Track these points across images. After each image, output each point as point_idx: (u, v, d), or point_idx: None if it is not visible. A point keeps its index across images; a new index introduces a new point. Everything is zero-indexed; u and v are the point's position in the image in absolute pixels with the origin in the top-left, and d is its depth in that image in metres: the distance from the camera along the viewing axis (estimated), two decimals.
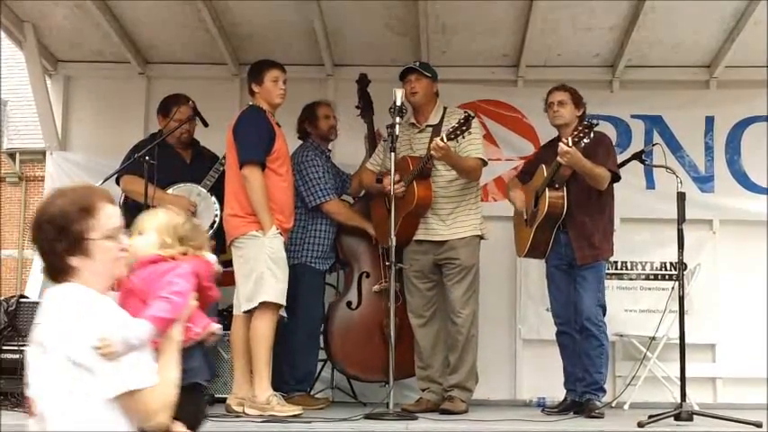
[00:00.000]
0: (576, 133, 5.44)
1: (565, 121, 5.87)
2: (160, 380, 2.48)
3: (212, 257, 3.44)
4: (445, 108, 6.11)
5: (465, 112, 5.88)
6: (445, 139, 5.55)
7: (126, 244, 2.59)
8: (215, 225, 6.00)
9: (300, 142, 6.49)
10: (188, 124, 6.19)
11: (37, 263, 7.43)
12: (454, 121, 5.82)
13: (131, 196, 6.07)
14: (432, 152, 5.62)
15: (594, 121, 5.45)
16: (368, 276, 6.40)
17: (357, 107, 6.74)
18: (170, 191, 5.96)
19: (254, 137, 5.64)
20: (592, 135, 5.39)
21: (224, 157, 6.01)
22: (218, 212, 6.02)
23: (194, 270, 3.11)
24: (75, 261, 2.46)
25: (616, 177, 5.81)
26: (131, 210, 6.04)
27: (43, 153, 7.91)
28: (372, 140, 6.56)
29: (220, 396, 6.08)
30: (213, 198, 6.05)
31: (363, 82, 6.78)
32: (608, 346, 5.88)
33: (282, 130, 5.84)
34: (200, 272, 3.20)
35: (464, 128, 5.59)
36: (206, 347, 3.35)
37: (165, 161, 5.67)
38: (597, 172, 5.63)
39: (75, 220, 2.44)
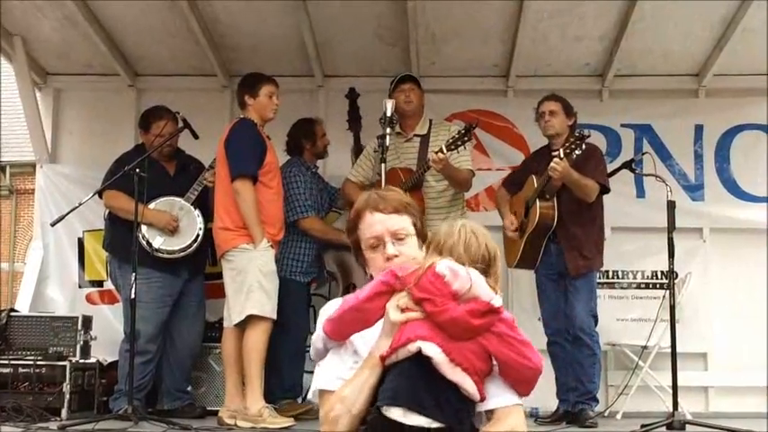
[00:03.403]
0: (567, 144, 5.45)
1: (556, 131, 5.88)
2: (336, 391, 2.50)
3: None
4: (430, 120, 6.13)
5: (465, 123, 5.85)
6: (445, 151, 5.55)
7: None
8: (198, 239, 5.98)
9: (287, 158, 6.48)
10: (167, 137, 6.08)
11: (28, 275, 7.41)
12: (443, 132, 5.85)
13: (114, 212, 6.06)
14: (431, 164, 5.62)
15: (586, 133, 5.45)
16: (354, 288, 6.39)
17: (347, 121, 6.76)
18: (152, 205, 5.90)
19: (246, 150, 5.63)
20: (584, 146, 5.40)
21: (208, 169, 6.00)
22: (202, 226, 6.00)
23: None
24: None
25: (605, 190, 5.81)
26: (116, 224, 6.05)
27: (33, 166, 7.89)
28: (358, 153, 6.56)
29: (212, 409, 6.07)
30: (197, 212, 6.02)
31: (352, 96, 6.82)
32: (600, 355, 5.87)
33: (272, 143, 5.84)
34: None
35: (465, 138, 5.60)
36: None
37: (148, 174, 5.64)
38: (586, 184, 5.64)
39: None
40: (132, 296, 5.40)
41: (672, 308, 5.27)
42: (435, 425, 2.35)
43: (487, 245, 2.61)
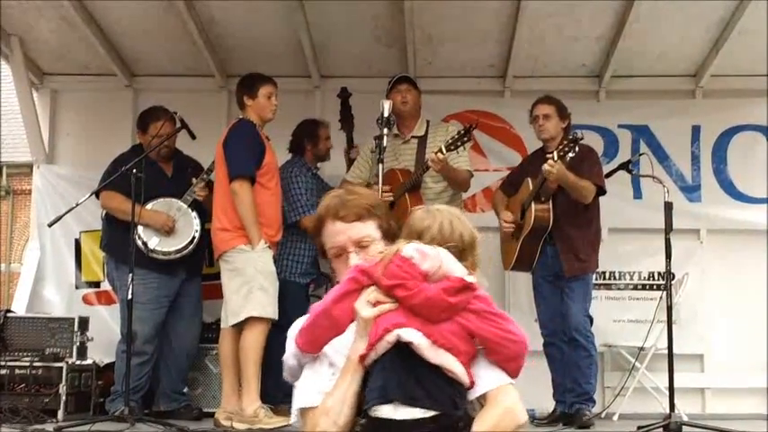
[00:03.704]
0: (561, 147, 5.45)
1: (550, 134, 5.88)
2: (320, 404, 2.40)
3: None
4: (428, 121, 6.13)
5: (464, 124, 5.85)
6: (444, 151, 5.55)
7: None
8: (195, 240, 5.97)
9: (288, 156, 6.47)
10: (165, 137, 6.06)
11: (25, 276, 7.40)
12: (441, 133, 5.85)
13: (111, 213, 6.05)
14: (430, 164, 5.62)
15: (579, 135, 5.45)
16: None
17: (339, 120, 6.75)
18: (149, 206, 5.88)
19: (245, 151, 5.62)
20: (577, 149, 5.40)
21: (206, 173, 5.99)
22: (199, 228, 5.99)
23: None
24: None
25: (601, 191, 5.81)
26: (113, 225, 6.04)
27: (30, 166, 7.88)
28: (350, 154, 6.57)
29: (209, 410, 6.06)
30: (194, 213, 6.01)
31: (344, 95, 6.79)
32: (596, 356, 5.88)
33: (271, 143, 5.83)
34: None
35: (465, 138, 5.60)
36: None
37: (145, 175, 5.62)
38: (582, 186, 5.64)
39: None
40: (129, 297, 5.39)
41: (669, 309, 5.27)
42: (430, 414, 2.27)
43: (463, 230, 2.53)
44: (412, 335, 2.32)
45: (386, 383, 2.30)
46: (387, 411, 2.28)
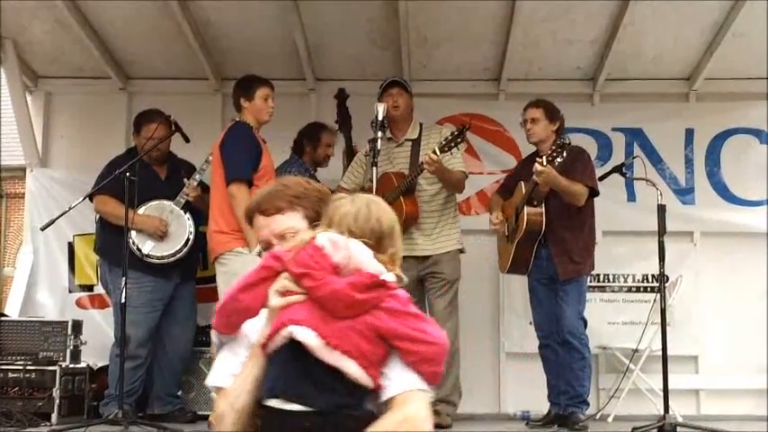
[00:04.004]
0: (549, 153, 5.46)
1: (539, 138, 5.88)
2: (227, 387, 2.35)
3: None
4: (421, 124, 6.12)
5: (457, 125, 5.86)
6: (438, 152, 5.55)
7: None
8: (189, 243, 5.96)
9: (283, 157, 6.47)
10: (159, 140, 6.05)
11: (18, 280, 7.38)
12: (435, 136, 5.86)
13: (104, 217, 6.04)
14: (425, 165, 5.62)
15: (566, 140, 5.46)
16: None
17: (336, 122, 6.75)
18: (141, 210, 5.86)
19: (242, 154, 5.61)
20: (565, 154, 5.41)
21: (198, 172, 5.97)
22: (192, 230, 5.98)
23: None
24: None
25: (594, 193, 5.82)
26: (107, 228, 6.02)
27: (24, 170, 7.85)
28: (350, 155, 6.54)
29: (203, 413, 6.05)
30: (187, 215, 5.99)
31: (341, 96, 6.79)
32: (590, 358, 5.87)
33: (267, 146, 5.83)
34: None
35: (459, 139, 5.61)
36: None
37: (139, 178, 5.61)
38: (574, 189, 5.64)
39: None
40: (123, 300, 5.38)
41: (663, 311, 5.29)
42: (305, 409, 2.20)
43: (381, 215, 2.43)
44: (305, 334, 2.24)
45: (276, 377, 2.25)
46: (276, 402, 2.24)
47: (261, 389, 2.29)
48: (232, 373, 2.36)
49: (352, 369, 2.22)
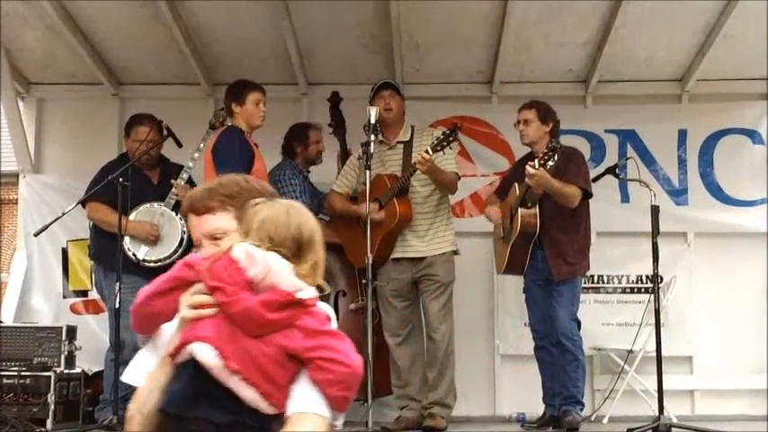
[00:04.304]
0: (541, 156, 5.47)
1: (531, 139, 5.89)
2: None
3: None
4: (413, 126, 6.13)
5: (449, 127, 5.86)
6: (431, 152, 5.56)
7: None
8: (183, 242, 5.94)
9: (276, 161, 6.47)
10: (150, 144, 6.04)
11: (12, 286, 7.36)
12: (426, 138, 5.87)
13: (97, 224, 6.03)
14: (417, 165, 5.62)
15: (557, 144, 5.46)
16: (344, 295, 6.39)
17: (329, 125, 6.74)
18: (132, 215, 5.81)
19: (234, 158, 5.59)
20: (556, 157, 5.42)
21: (184, 171, 5.94)
22: (186, 229, 5.95)
23: None
24: None
25: (588, 194, 5.82)
26: (101, 233, 6.01)
27: (17, 175, 7.84)
28: (345, 159, 6.53)
29: None
30: (179, 216, 5.96)
31: (335, 100, 6.78)
32: (584, 360, 5.87)
33: (259, 150, 5.83)
34: None
35: (450, 138, 5.61)
36: None
37: (131, 183, 5.58)
38: (566, 191, 5.65)
39: None
40: (117, 305, 5.37)
41: (657, 312, 5.29)
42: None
43: (301, 224, 2.31)
44: (205, 354, 2.16)
45: (176, 390, 2.18)
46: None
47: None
48: (148, 371, 2.32)
49: (250, 396, 2.14)
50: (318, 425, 2.15)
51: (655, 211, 5.39)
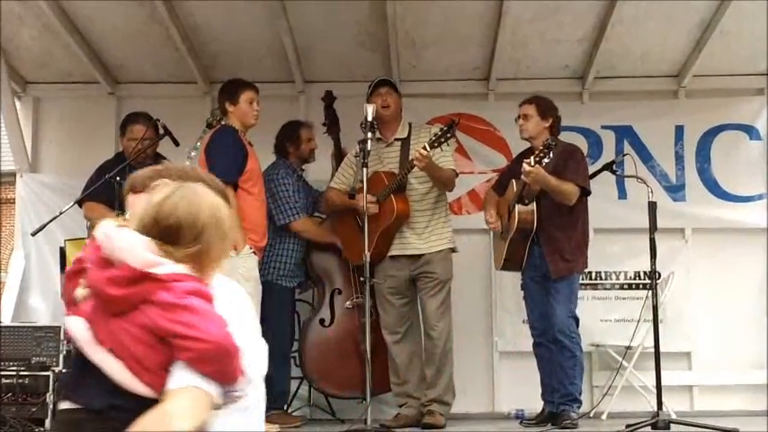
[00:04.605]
0: (537, 153, 5.47)
1: (530, 134, 5.89)
2: None
3: None
4: (410, 123, 6.13)
5: (445, 123, 5.86)
6: (428, 148, 5.56)
7: None
8: None
9: (273, 159, 6.47)
10: (146, 143, 6.02)
11: (10, 285, 7.36)
12: (424, 135, 5.87)
13: (94, 223, 6.01)
14: (415, 162, 5.62)
15: (552, 142, 5.45)
16: (340, 293, 6.39)
17: (324, 124, 6.74)
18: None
19: (227, 157, 5.59)
20: (552, 154, 5.41)
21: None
22: None
23: None
24: None
25: (586, 192, 5.82)
26: None
27: (14, 175, 7.83)
28: (339, 158, 6.53)
29: None
30: None
31: (329, 99, 6.77)
32: (582, 356, 5.87)
33: (254, 149, 5.82)
34: None
35: (448, 134, 5.61)
36: None
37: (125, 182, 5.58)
38: (563, 188, 5.65)
39: None
40: None
41: (655, 308, 5.30)
42: (79, 406, 2.13)
43: (175, 211, 2.25)
44: (74, 326, 2.17)
45: (68, 377, 2.22)
46: (66, 404, 2.21)
47: None
48: None
49: (113, 369, 2.10)
50: (194, 397, 2.09)
51: (652, 207, 5.40)
